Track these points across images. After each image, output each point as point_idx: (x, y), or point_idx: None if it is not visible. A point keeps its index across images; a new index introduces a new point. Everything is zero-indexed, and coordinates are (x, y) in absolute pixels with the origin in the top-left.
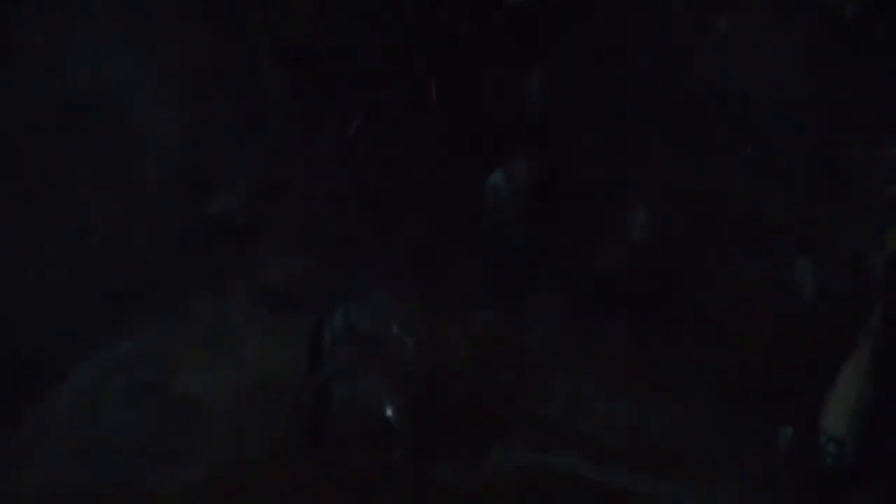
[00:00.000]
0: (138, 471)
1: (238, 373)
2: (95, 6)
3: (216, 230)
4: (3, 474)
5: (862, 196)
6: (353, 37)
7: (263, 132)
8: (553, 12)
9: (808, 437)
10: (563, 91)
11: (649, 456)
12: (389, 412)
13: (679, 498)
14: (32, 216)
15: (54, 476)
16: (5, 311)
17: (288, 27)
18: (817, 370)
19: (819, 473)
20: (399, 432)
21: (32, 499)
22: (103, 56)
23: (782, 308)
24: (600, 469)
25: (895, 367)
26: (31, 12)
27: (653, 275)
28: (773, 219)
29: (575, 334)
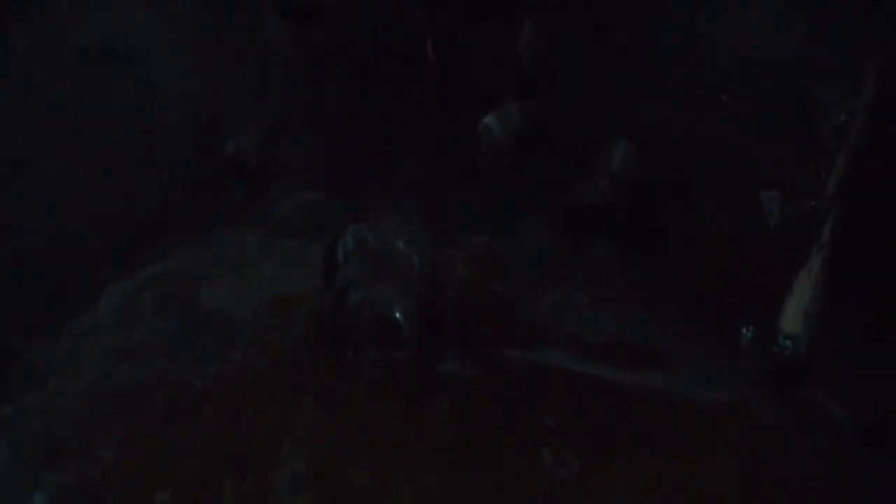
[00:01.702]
0: (174, 367)
1: (258, 288)
2: None
3: (230, 169)
4: (51, 372)
5: (825, 136)
6: None
7: (272, 83)
8: None
9: (766, 336)
10: (552, 42)
11: (627, 352)
12: (398, 315)
13: (652, 384)
14: (65, 157)
15: (99, 373)
16: (43, 242)
17: None
18: (777, 283)
19: (777, 365)
20: (407, 333)
21: (81, 390)
22: (122, 10)
23: (750, 233)
24: (584, 363)
25: (842, 273)
26: None
27: (633, 202)
28: (744, 156)
29: (562, 254)
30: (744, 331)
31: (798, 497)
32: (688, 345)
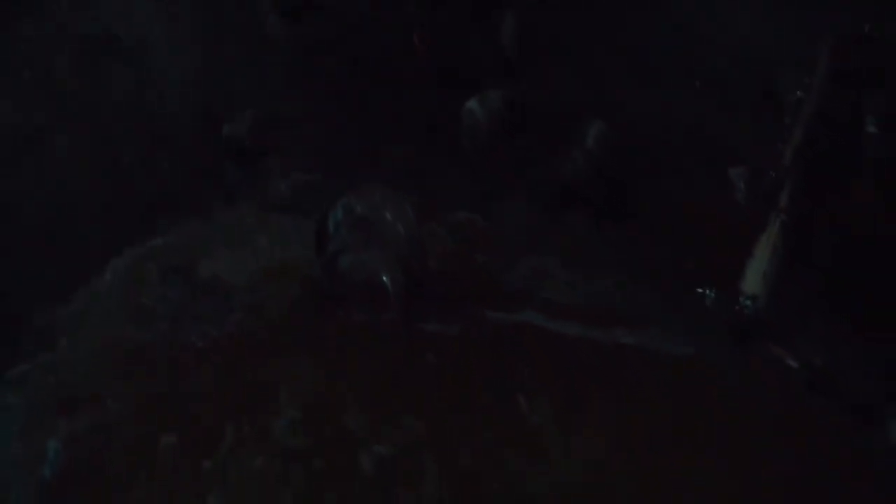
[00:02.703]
0: (176, 329)
1: (254, 258)
2: None
3: (227, 151)
4: (62, 333)
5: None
6: None
7: (269, 72)
8: None
9: (729, 297)
10: (534, 31)
11: (599, 313)
12: (385, 279)
13: (622, 341)
14: (72, 140)
15: (106, 334)
16: (52, 217)
17: None
18: (741, 250)
19: (738, 322)
20: (393, 295)
21: (89, 349)
22: (124, 3)
23: (717, 205)
24: (558, 322)
25: (797, 236)
26: None
27: (607, 177)
28: (714, 137)
29: (540, 225)
30: (708, 292)
31: (756, 437)
32: (657, 306)
